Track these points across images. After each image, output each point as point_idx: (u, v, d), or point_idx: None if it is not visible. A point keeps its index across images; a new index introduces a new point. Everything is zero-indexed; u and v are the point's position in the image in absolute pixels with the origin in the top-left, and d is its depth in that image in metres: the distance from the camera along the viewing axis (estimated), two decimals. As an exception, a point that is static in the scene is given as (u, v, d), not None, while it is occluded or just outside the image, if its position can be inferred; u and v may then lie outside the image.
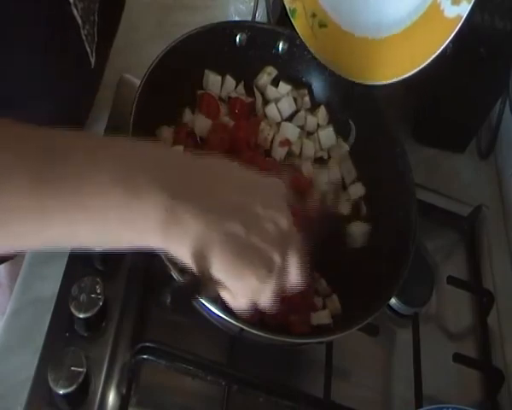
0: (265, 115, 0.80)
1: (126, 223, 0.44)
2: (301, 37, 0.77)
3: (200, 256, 0.46)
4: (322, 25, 0.76)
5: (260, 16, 0.89)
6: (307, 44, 0.77)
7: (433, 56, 0.64)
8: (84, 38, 0.63)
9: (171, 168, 0.46)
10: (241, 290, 0.50)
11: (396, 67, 0.69)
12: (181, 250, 0.46)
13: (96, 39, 0.65)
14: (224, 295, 0.50)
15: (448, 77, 0.84)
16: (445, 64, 0.70)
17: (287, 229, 0.50)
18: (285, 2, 0.79)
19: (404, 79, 0.68)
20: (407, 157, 0.73)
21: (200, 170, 0.49)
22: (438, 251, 0.86)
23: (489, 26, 0.78)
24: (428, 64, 0.65)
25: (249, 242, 0.48)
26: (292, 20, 0.78)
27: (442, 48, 0.63)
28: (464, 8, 0.60)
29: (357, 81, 0.74)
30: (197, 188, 0.47)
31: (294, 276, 0.51)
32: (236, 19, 0.94)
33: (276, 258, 0.49)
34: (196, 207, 0.45)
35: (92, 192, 0.43)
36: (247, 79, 0.80)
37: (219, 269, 0.47)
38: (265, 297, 0.50)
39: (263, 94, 0.80)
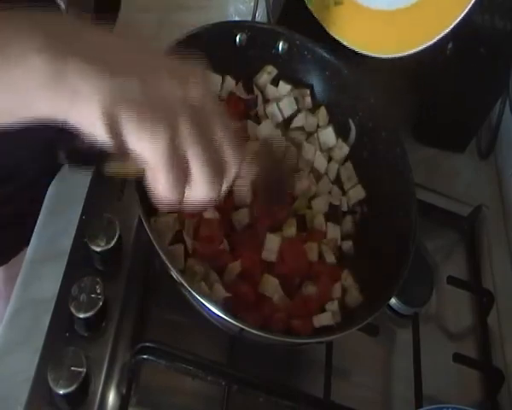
0: (266, 114, 0.80)
1: (10, 93, 0.41)
2: (317, 17, 0.78)
3: (92, 118, 0.42)
4: (338, 2, 0.77)
5: (260, 16, 0.89)
6: (323, 24, 0.78)
7: (448, 29, 0.63)
8: None
9: (56, 30, 0.42)
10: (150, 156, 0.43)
11: (411, 39, 0.68)
12: (72, 112, 0.42)
13: None
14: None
15: (448, 77, 0.84)
16: (445, 64, 0.70)
17: (199, 97, 0.45)
18: None
19: (404, 79, 0.68)
20: (407, 157, 0.73)
21: (96, 38, 0.44)
22: (438, 251, 0.86)
23: (489, 26, 0.78)
24: (428, 63, 0.65)
25: (146, 101, 0.43)
26: (307, 2, 0.79)
27: (457, 21, 0.61)
28: None
29: (373, 55, 0.73)
30: (86, 44, 0.42)
31: (232, 156, 0.46)
32: (236, 19, 0.94)
33: (184, 125, 0.43)
34: (83, 61, 0.41)
35: None
36: (247, 78, 0.80)
37: (119, 132, 0.42)
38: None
39: (262, 93, 0.80)
